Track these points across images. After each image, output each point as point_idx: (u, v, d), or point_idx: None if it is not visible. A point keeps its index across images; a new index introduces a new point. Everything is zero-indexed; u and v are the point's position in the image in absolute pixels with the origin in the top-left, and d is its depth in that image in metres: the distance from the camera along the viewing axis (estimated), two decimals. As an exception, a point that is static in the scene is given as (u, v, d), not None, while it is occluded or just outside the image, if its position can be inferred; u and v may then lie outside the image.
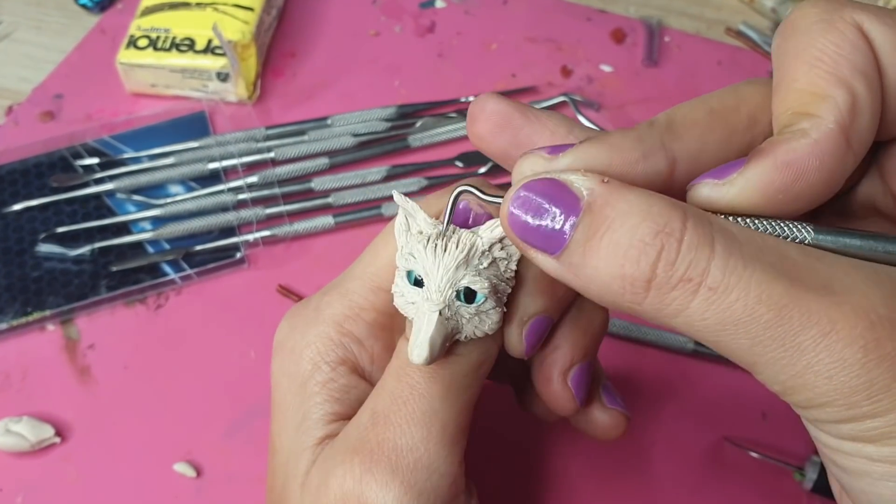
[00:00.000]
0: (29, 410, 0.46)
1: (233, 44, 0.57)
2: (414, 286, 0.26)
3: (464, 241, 0.26)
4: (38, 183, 0.54)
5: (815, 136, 0.23)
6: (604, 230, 0.22)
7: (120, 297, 0.50)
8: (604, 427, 0.34)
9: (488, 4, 0.66)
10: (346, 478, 0.27)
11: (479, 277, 0.26)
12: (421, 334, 0.26)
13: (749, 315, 0.21)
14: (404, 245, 0.27)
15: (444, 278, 0.26)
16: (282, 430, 0.30)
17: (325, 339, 0.30)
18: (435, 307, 0.26)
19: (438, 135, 0.57)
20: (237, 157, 0.55)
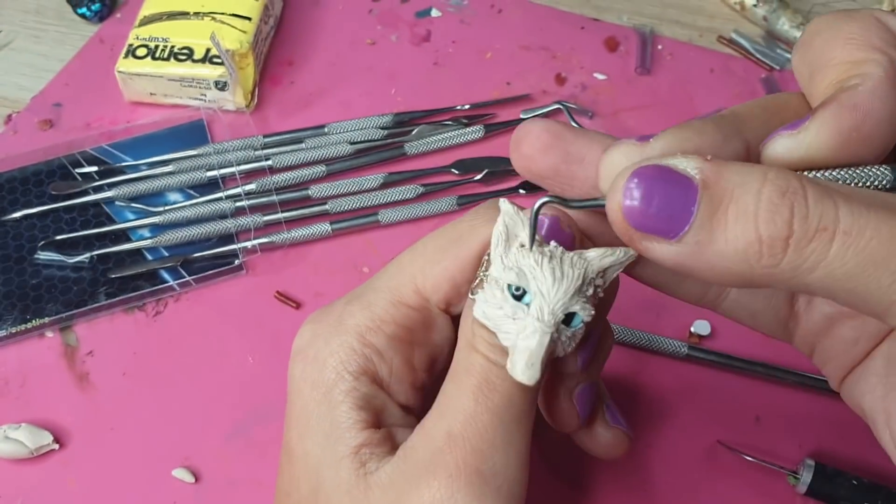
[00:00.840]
0: (28, 417, 0.46)
1: (231, 53, 0.58)
2: (515, 300, 0.26)
3: (578, 267, 0.26)
4: (38, 191, 0.55)
5: (870, 84, 0.24)
6: (728, 201, 0.22)
7: (119, 304, 0.50)
8: (606, 445, 0.34)
9: (483, 13, 0.66)
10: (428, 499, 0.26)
11: (587, 304, 0.27)
12: (532, 354, 0.26)
13: (887, 250, 0.21)
14: (504, 257, 0.27)
15: (560, 302, 0.26)
16: (304, 436, 0.29)
17: (347, 348, 0.29)
18: (548, 329, 0.26)
19: (434, 142, 0.58)
20: (235, 164, 0.55)
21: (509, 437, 0.27)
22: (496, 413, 0.27)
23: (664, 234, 0.23)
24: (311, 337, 0.31)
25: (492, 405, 0.27)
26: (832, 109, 0.24)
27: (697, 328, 0.49)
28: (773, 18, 0.65)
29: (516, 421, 0.27)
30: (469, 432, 0.27)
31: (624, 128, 0.59)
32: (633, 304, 0.50)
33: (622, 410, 0.46)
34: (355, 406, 0.29)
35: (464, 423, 0.27)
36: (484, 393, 0.27)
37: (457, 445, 0.27)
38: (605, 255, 0.27)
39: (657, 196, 0.23)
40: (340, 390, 0.29)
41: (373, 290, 0.31)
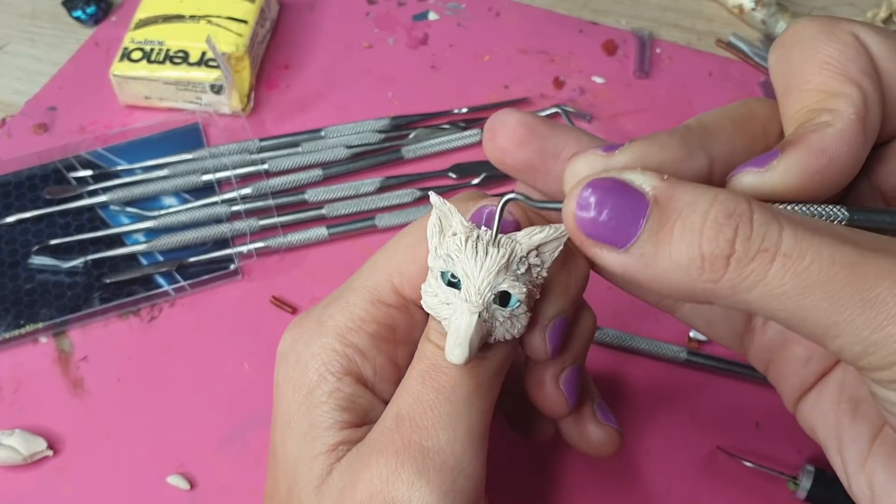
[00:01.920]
0: (21, 423, 0.45)
1: (226, 56, 0.57)
2: (448, 287, 0.27)
3: (504, 246, 0.27)
4: (32, 195, 0.54)
5: (840, 126, 0.25)
6: (675, 218, 0.23)
7: (113, 310, 0.50)
8: (598, 443, 0.34)
9: (481, 16, 0.66)
10: (373, 479, 0.27)
11: (517, 282, 0.27)
12: (461, 334, 0.26)
13: (825, 275, 0.22)
14: (438, 246, 0.28)
15: (485, 281, 0.27)
16: (286, 438, 0.30)
17: (329, 350, 0.30)
18: (475, 309, 0.26)
19: (432, 146, 0.57)
20: (231, 168, 0.55)
21: (456, 416, 0.28)
22: (441, 392, 0.28)
23: (613, 244, 0.24)
24: (292, 341, 0.31)
25: (437, 385, 0.28)
26: (800, 153, 0.25)
27: (696, 333, 0.48)
28: (771, 22, 0.65)
29: (465, 401, 0.28)
30: (414, 411, 0.28)
31: (622, 131, 0.58)
32: (631, 309, 0.50)
33: (621, 414, 0.46)
34: (337, 407, 0.29)
35: (411, 404, 0.28)
36: (431, 375, 0.28)
37: (403, 424, 0.28)
38: (533, 232, 0.27)
39: (608, 206, 0.24)
40: (322, 391, 0.29)
41: (351, 291, 0.31)
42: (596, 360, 0.48)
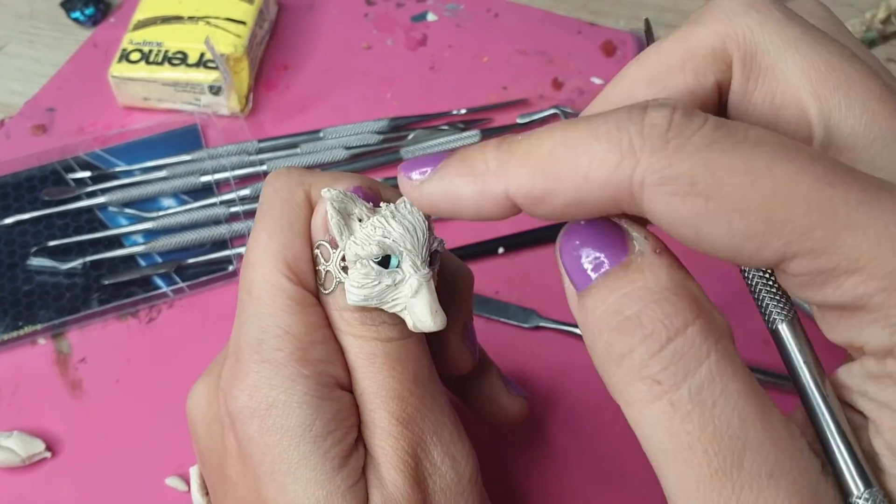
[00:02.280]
0: (19, 425, 0.45)
1: (225, 57, 0.57)
2: (386, 269, 0.27)
3: (415, 211, 0.28)
4: (30, 196, 0.54)
5: None
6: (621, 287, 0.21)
7: (112, 311, 0.50)
8: (513, 413, 0.37)
9: (479, 18, 0.66)
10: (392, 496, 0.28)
11: (438, 238, 0.29)
12: (430, 302, 0.27)
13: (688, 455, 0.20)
14: (354, 236, 0.28)
15: (423, 247, 0.28)
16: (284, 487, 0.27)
17: (301, 378, 0.27)
18: (429, 275, 0.28)
19: (430, 147, 0.57)
20: (229, 170, 0.55)
21: (434, 393, 0.30)
22: (416, 381, 0.29)
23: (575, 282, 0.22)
24: (251, 392, 0.28)
25: (411, 377, 0.29)
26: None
27: (695, 334, 0.48)
28: (769, 23, 0.65)
29: (430, 376, 0.30)
30: (410, 410, 0.29)
31: (621, 132, 0.58)
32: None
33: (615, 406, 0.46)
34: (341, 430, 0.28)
35: (402, 405, 0.28)
36: (398, 371, 0.29)
37: (410, 424, 0.29)
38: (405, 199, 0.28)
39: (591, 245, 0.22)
40: (322, 422, 0.27)
41: (272, 316, 0.28)
42: (588, 357, 0.48)
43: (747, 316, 0.50)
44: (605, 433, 0.45)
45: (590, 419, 0.46)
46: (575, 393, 0.47)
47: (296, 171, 0.31)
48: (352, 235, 0.28)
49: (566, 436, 0.45)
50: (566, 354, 0.48)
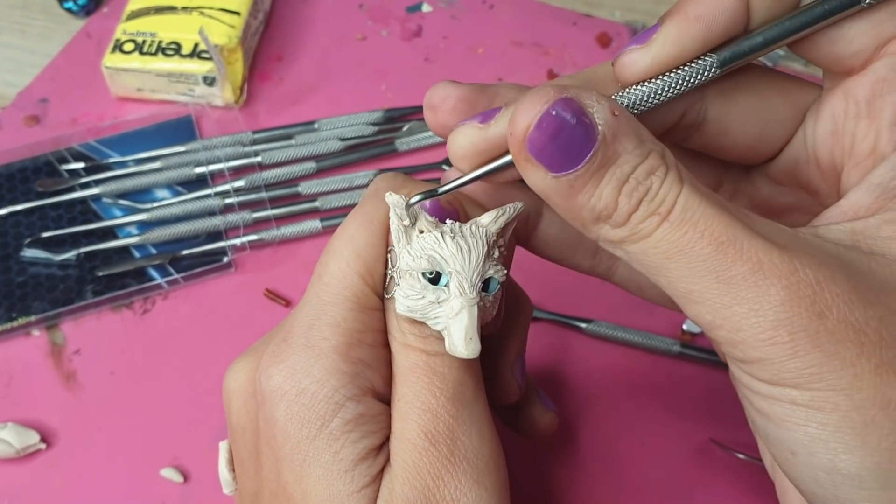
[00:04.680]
0: (14, 417, 0.45)
1: (219, 48, 0.57)
2: (433, 286, 0.27)
3: (479, 235, 0.28)
4: (24, 187, 0.54)
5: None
6: (613, 163, 0.24)
7: (106, 302, 0.50)
8: (545, 426, 0.37)
9: (474, 9, 0.66)
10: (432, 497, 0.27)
11: (498, 266, 0.28)
12: (470, 329, 0.27)
13: (693, 246, 0.24)
14: (409, 247, 0.28)
15: (475, 272, 0.27)
16: (302, 477, 0.28)
17: (337, 373, 0.28)
18: (473, 301, 0.27)
19: (425, 139, 0.57)
20: (224, 161, 0.55)
21: (475, 416, 0.29)
22: (455, 399, 0.28)
23: (549, 168, 0.25)
24: (286, 374, 0.28)
25: (449, 394, 0.28)
26: (677, 21, 0.27)
27: (689, 326, 0.49)
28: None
29: (473, 399, 0.29)
30: (441, 427, 0.28)
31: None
32: (624, 302, 0.50)
33: (614, 407, 0.46)
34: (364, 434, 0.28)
35: (434, 420, 0.28)
36: (437, 386, 0.28)
37: (439, 442, 0.28)
38: (498, 216, 0.28)
39: (562, 136, 0.24)
40: (342, 419, 0.28)
41: (332, 305, 0.29)
42: (588, 353, 0.48)
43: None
44: (600, 427, 0.46)
45: (586, 409, 0.46)
46: (568, 385, 0.47)
47: (402, 176, 0.31)
48: (408, 245, 0.28)
49: (561, 428, 0.45)
50: (560, 345, 0.48)
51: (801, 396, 0.23)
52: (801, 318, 0.23)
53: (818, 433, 0.23)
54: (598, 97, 0.24)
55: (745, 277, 0.23)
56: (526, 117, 0.24)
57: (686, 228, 0.24)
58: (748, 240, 0.23)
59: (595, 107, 0.24)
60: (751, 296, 0.23)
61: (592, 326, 0.48)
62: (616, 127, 0.24)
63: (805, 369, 0.23)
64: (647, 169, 0.24)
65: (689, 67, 0.27)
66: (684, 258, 0.24)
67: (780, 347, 0.23)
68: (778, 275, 0.23)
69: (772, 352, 0.23)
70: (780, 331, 0.23)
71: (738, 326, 0.23)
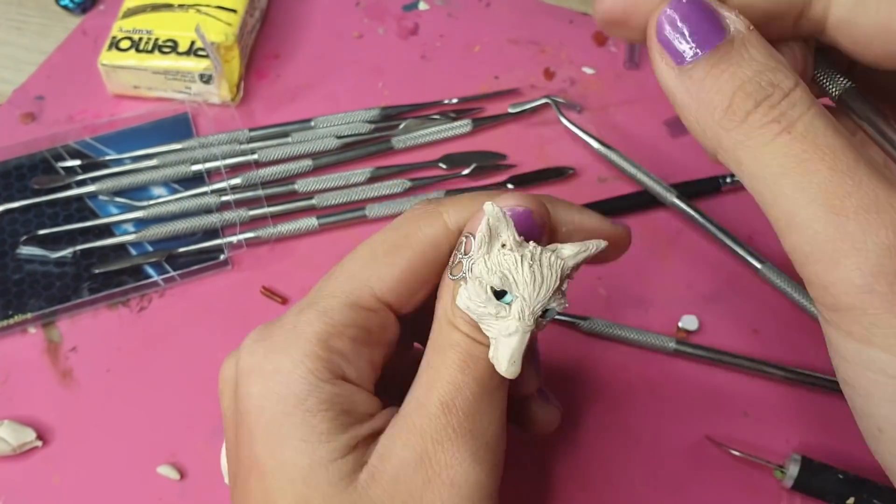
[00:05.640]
0: (10, 414, 0.45)
1: (216, 45, 0.57)
2: (496, 299, 0.28)
3: (556, 267, 0.28)
4: (19, 185, 0.54)
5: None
6: (734, 62, 0.25)
7: (102, 300, 0.50)
8: (548, 422, 0.38)
9: (471, 7, 0.66)
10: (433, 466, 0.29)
11: (562, 299, 0.29)
12: (515, 353, 0.28)
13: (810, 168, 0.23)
14: (487, 258, 0.29)
15: (540, 303, 0.28)
16: (277, 448, 0.29)
17: (313, 357, 0.29)
18: (529, 328, 0.28)
19: (422, 136, 0.57)
20: (220, 158, 0.55)
21: (492, 402, 0.30)
22: (481, 382, 0.29)
23: (674, 57, 0.25)
24: (266, 352, 0.30)
25: (477, 376, 0.29)
26: None
27: (685, 323, 0.49)
28: (760, 13, 0.65)
29: (497, 388, 0.30)
30: (459, 400, 0.29)
31: (613, 122, 0.59)
32: (620, 299, 0.50)
33: (609, 404, 0.46)
34: (339, 412, 0.29)
35: (454, 393, 0.29)
36: (469, 366, 0.29)
37: (451, 412, 0.29)
38: (580, 252, 0.29)
39: (691, 21, 0.25)
40: (316, 399, 0.29)
41: (328, 297, 0.31)
42: (585, 350, 0.48)
43: (737, 307, 0.50)
44: (595, 424, 0.46)
45: (581, 406, 0.46)
46: (564, 382, 0.47)
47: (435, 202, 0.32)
48: (487, 255, 0.29)
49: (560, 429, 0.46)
50: (556, 342, 0.48)
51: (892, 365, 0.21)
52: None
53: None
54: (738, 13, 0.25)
55: (857, 212, 0.22)
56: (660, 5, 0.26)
57: (807, 146, 0.23)
58: (869, 175, 0.23)
59: (731, 16, 0.25)
60: (859, 232, 0.22)
61: (588, 324, 0.48)
62: (746, 37, 0.25)
63: None
64: (770, 79, 0.24)
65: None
66: (800, 176, 0.23)
67: (877, 297, 0.21)
68: (892, 217, 0.22)
69: (866, 300, 0.21)
70: (881, 279, 0.21)
71: (835, 264, 0.22)
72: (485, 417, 0.29)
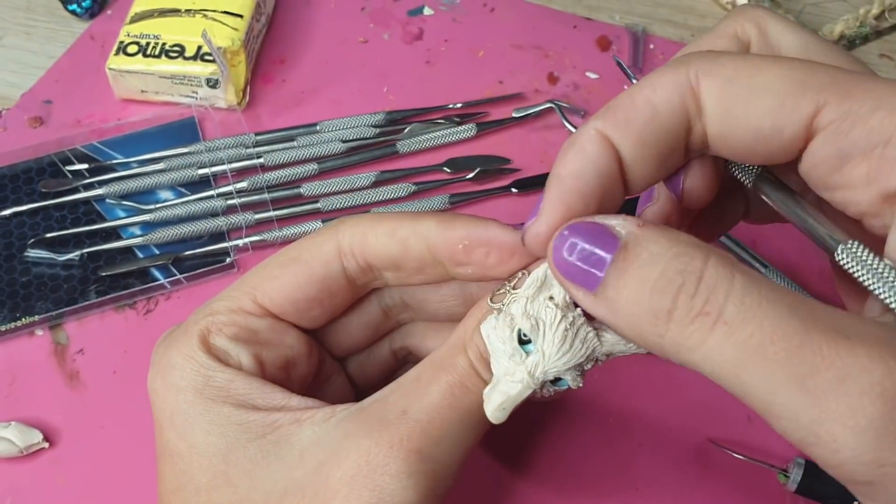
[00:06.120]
0: (17, 416, 0.46)
1: (222, 50, 0.58)
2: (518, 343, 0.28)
3: (589, 344, 0.27)
4: (28, 188, 0.54)
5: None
6: (635, 266, 0.24)
7: (109, 302, 0.50)
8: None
9: (475, 12, 0.66)
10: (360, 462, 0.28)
11: (580, 377, 0.28)
12: (508, 400, 0.28)
13: (763, 352, 0.21)
14: (530, 302, 0.28)
15: (555, 368, 0.27)
16: (186, 433, 0.31)
17: (199, 351, 0.31)
18: (534, 386, 0.27)
19: (426, 141, 0.58)
20: (226, 162, 0.55)
21: (462, 435, 0.29)
22: (459, 412, 0.29)
23: (584, 286, 0.25)
24: (164, 348, 0.33)
25: (458, 404, 0.29)
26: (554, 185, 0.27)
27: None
28: (764, 18, 0.65)
29: (474, 427, 0.29)
30: (425, 418, 0.28)
31: (616, 127, 0.59)
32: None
33: (613, 407, 0.46)
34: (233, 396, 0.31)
35: (424, 410, 0.29)
36: (455, 393, 0.29)
37: (407, 424, 0.28)
38: (619, 342, 0.28)
39: (578, 248, 0.25)
40: (212, 388, 0.31)
41: (216, 300, 0.33)
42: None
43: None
44: (598, 427, 0.46)
45: (584, 409, 0.46)
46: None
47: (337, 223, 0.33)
48: (531, 301, 0.28)
49: (560, 428, 0.46)
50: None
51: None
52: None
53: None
54: (626, 217, 0.25)
55: (833, 387, 0.20)
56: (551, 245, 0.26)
57: (750, 329, 0.21)
58: (826, 340, 0.21)
59: (620, 222, 0.25)
60: (843, 410, 0.20)
61: (592, 327, 0.48)
62: (640, 234, 0.24)
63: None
64: (676, 268, 0.23)
65: None
66: (757, 367, 0.21)
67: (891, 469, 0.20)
68: (870, 381, 0.20)
69: (880, 474, 0.20)
70: (886, 451, 0.20)
71: (835, 447, 0.20)
72: (446, 446, 0.28)
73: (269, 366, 0.33)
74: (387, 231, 0.32)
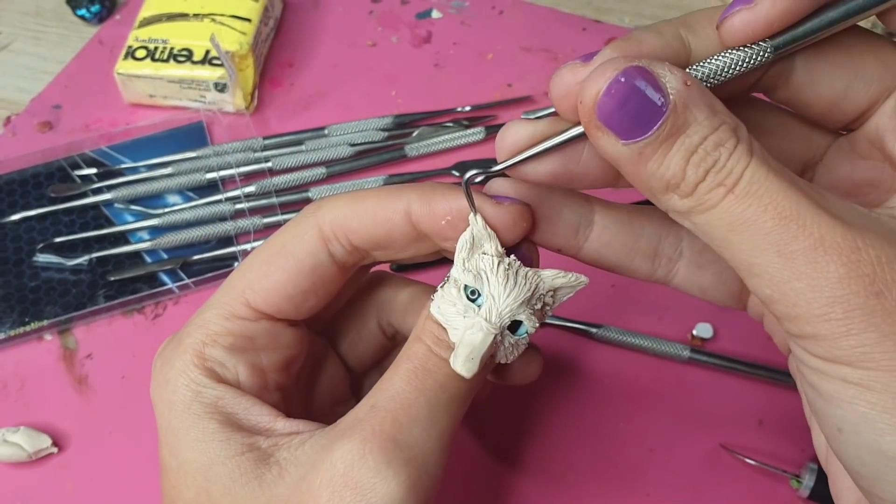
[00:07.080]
0: (26, 420, 0.46)
1: (230, 54, 0.58)
2: (467, 300, 0.29)
3: (531, 280, 0.29)
4: (36, 193, 0.54)
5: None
6: (682, 132, 0.24)
7: (118, 307, 0.50)
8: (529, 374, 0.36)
9: (484, 15, 0.66)
10: (337, 463, 0.28)
11: (533, 316, 0.29)
12: (475, 350, 0.28)
13: (756, 219, 0.24)
14: (467, 260, 0.29)
15: (508, 307, 0.28)
16: (175, 449, 0.31)
17: (190, 366, 0.31)
18: (493, 330, 0.28)
19: (435, 144, 0.57)
20: (235, 166, 0.55)
21: (434, 418, 0.29)
22: (424, 393, 0.29)
23: (619, 135, 0.25)
24: (161, 363, 0.32)
25: (422, 386, 0.29)
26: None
27: (699, 331, 0.48)
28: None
29: (444, 406, 0.29)
30: (392, 405, 0.28)
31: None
32: (634, 306, 0.50)
33: (624, 412, 0.46)
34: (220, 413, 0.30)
35: (390, 398, 0.29)
36: (417, 376, 0.29)
37: (377, 415, 0.28)
38: (558, 275, 0.29)
39: (632, 102, 0.24)
40: (200, 404, 0.30)
41: (208, 309, 0.33)
42: (597, 358, 0.48)
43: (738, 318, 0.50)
44: (610, 432, 0.46)
45: (595, 415, 0.46)
46: (578, 390, 0.47)
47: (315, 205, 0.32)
48: (468, 259, 0.29)
49: (571, 433, 0.45)
50: (570, 350, 0.48)
51: (852, 374, 0.23)
52: (858, 296, 0.23)
53: (865, 412, 0.23)
54: (671, 67, 0.25)
55: (806, 253, 0.23)
56: (595, 84, 0.25)
57: (750, 201, 0.24)
58: (812, 215, 0.23)
59: (667, 76, 0.24)
60: (809, 271, 0.23)
61: (602, 332, 0.48)
62: (687, 97, 0.24)
63: (857, 348, 0.23)
64: (716, 140, 0.24)
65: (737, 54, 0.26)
66: (747, 231, 0.24)
67: (834, 324, 0.23)
68: (838, 251, 0.23)
69: (825, 328, 0.23)
70: (836, 307, 0.23)
71: (794, 301, 0.23)
72: (419, 430, 0.28)
73: (269, 370, 0.32)
74: (369, 212, 0.31)
